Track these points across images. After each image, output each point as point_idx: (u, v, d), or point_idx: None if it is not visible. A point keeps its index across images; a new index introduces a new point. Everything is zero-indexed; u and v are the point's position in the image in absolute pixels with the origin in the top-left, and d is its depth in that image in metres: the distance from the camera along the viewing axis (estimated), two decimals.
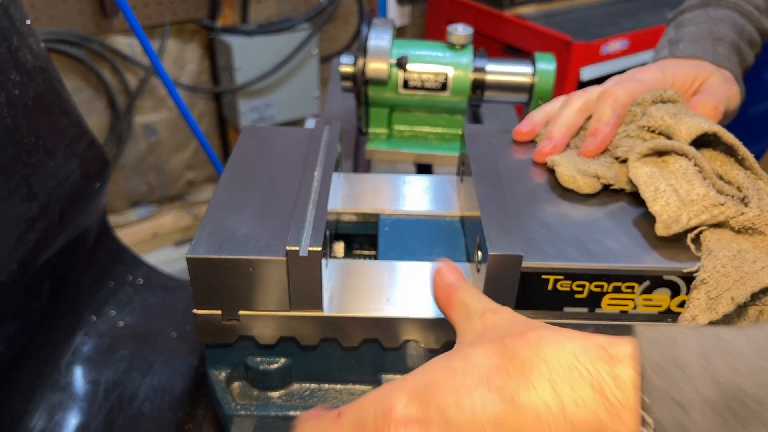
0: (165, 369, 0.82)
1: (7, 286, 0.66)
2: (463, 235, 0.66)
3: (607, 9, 2.46)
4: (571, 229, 0.56)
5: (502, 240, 0.53)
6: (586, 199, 0.61)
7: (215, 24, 2.11)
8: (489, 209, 0.57)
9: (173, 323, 0.90)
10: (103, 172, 0.86)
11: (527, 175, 0.64)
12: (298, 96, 2.33)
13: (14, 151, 0.69)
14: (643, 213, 0.58)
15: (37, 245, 0.71)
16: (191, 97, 2.22)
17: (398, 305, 0.56)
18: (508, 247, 0.52)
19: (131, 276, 0.95)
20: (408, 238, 0.66)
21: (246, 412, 0.59)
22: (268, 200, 0.60)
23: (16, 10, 0.72)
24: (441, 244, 0.66)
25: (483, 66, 0.87)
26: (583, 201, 0.61)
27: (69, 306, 0.83)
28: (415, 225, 0.68)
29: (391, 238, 0.66)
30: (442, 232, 0.67)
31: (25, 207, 0.69)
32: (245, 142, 0.70)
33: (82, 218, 0.83)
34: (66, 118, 0.79)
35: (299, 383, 0.61)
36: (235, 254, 0.53)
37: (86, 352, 0.82)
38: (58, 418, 0.75)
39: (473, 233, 0.59)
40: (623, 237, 0.56)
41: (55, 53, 1.88)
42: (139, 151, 2.21)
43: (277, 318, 0.56)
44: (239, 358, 0.60)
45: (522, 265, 0.52)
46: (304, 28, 2.23)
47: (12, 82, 0.69)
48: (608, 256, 0.53)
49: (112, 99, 2.05)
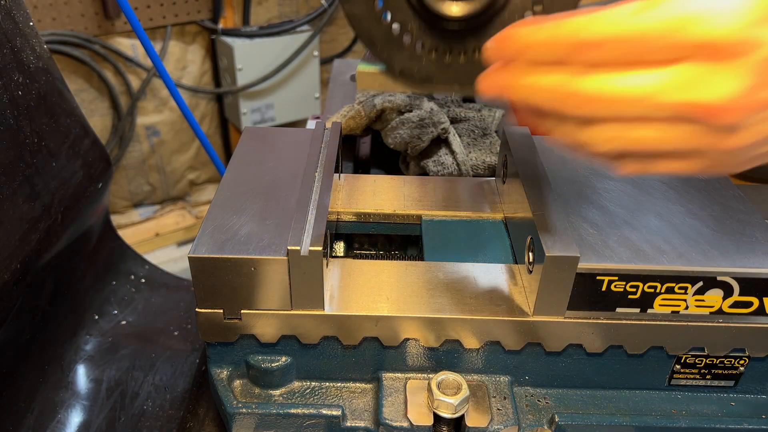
0: (167, 367, 0.82)
1: (10, 285, 0.67)
2: (508, 236, 0.67)
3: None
4: (620, 229, 0.57)
5: (557, 241, 0.53)
6: (633, 199, 0.61)
7: (217, 26, 2.12)
8: (541, 211, 0.57)
9: (175, 322, 0.90)
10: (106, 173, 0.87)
11: (572, 175, 0.65)
12: (299, 97, 2.33)
13: (17, 152, 0.69)
14: (690, 212, 0.59)
15: (39, 245, 0.72)
16: (193, 98, 2.23)
17: (398, 304, 0.57)
18: (565, 248, 0.52)
19: (133, 275, 0.95)
20: (452, 239, 0.67)
21: (247, 410, 0.59)
22: (269, 200, 0.60)
23: (19, 11, 0.72)
24: (484, 245, 0.66)
25: None
26: (630, 201, 0.61)
27: (71, 305, 0.83)
28: (457, 226, 0.69)
29: (436, 239, 0.67)
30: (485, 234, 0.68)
31: (28, 207, 0.70)
32: (247, 142, 0.71)
33: (85, 218, 0.83)
34: (68, 118, 0.80)
35: (300, 381, 0.62)
36: (237, 254, 0.53)
37: (89, 351, 0.83)
38: (61, 416, 0.75)
39: (523, 235, 0.60)
40: (673, 237, 0.56)
41: (58, 55, 1.88)
42: (141, 151, 2.21)
43: (279, 316, 0.57)
44: (241, 357, 0.60)
45: (578, 267, 0.53)
46: (305, 30, 2.24)
47: (15, 83, 0.70)
48: (661, 257, 0.54)
49: (115, 100, 2.05)
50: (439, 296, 0.58)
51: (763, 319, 0.56)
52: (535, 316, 0.56)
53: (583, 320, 0.56)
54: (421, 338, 0.58)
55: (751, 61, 0.32)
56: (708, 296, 0.55)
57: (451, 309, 0.57)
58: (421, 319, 0.56)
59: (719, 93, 0.33)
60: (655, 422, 0.59)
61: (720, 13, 0.32)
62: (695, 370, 0.61)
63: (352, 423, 0.59)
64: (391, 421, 0.56)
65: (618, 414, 0.60)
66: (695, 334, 0.57)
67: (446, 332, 0.57)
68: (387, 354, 0.60)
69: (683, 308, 0.55)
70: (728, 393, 0.63)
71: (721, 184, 0.64)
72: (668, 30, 0.33)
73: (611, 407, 0.61)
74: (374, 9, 0.47)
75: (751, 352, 0.59)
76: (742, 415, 0.61)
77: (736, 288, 0.54)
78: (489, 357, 0.59)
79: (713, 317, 0.56)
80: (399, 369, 0.60)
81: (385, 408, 0.57)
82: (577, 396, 0.62)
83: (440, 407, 0.55)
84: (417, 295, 0.58)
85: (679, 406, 0.62)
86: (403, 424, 0.56)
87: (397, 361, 0.60)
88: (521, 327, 0.56)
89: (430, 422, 0.56)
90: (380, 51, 0.49)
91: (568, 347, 0.58)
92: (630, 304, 0.55)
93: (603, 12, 0.34)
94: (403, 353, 0.60)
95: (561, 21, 0.36)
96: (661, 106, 0.34)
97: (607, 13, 0.34)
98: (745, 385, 0.62)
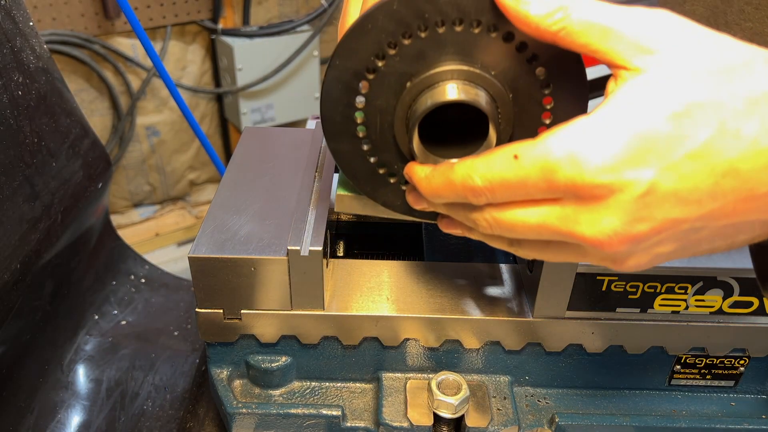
0: (167, 367, 0.82)
1: (10, 285, 0.67)
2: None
3: None
4: None
5: None
6: None
7: (217, 26, 2.12)
8: None
9: (175, 322, 0.90)
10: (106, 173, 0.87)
11: None
12: (299, 97, 2.33)
13: (17, 152, 0.69)
14: None
15: (39, 245, 0.72)
16: (193, 98, 2.23)
17: (398, 304, 0.57)
18: None
19: (133, 275, 0.95)
20: (452, 239, 0.67)
21: (247, 410, 0.59)
22: (269, 200, 0.60)
23: (19, 11, 0.72)
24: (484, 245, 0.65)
25: None
26: None
27: (71, 305, 0.83)
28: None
29: (436, 239, 0.67)
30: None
31: (27, 207, 0.70)
32: (247, 142, 0.71)
33: (85, 218, 0.83)
34: (68, 118, 0.80)
35: (300, 381, 0.62)
36: (237, 254, 0.53)
37: (88, 351, 0.83)
38: (61, 417, 0.75)
39: None
40: None
41: (58, 55, 1.88)
42: (141, 151, 2.21)
43: (279, 317, 0.56)
44: (241, 357, 0.60)
45: (578, 267, 0.53)
46: (305, 30, 2.24)
47: (15, 83, 0.70)
48: None
49: (115, 100, 2.05)
50: (439, 296, 0.58)
51: (763, 319, 0.56)
52: (535, 316, 0.56)
53: (583, 320, 0.56)
54: (421, 338, 0.58)
55: (622, 201, 0.34)
56: (708, 296, 0.55)
57: (451, 309, 0.57)
58: (421, 319, 0.56)
59: (596, 230, 0.35)
60: (656, 422, 0.59)
61: (585, 158, 0.34)
62: (695, 370, 0.61)
63: (352, 423, 0.59)
64: (391, 422, 0.56)
65: (618, 414, 0.60)
66: (695, 334, 0.57)
67: (446, 332, 0.57)
68: (387, 354, 0.60)
69: (683, 308, 0.55)
70: (728, 393, 0.63)
71: None
72: (541, 175, 0.35)
73: (611, 407, 0.61)
74: (360, 148, 0.48)
75: (752, 352, 0.59)
76: (742, 415, 0.61)
77: (736, 288, 0.54)
78: (489, 357, 0.59)
79: (713, 317, 0.56)
80: (399, 369, 0.60)
81: (385, 408, 0.57)
82: (577, 396, 0.62)
83: (440, 407, 0.55)
84: (417, 295, 0.58)
85: (680, 406, 0.62)
86: (403, 424, 0.56)
87: (397, 361, 0.60)
88: (521, 327, 0.56)
89: (430, 422, 0.56)
90: (363, 185, 0.50)
91: (569, 347, 0.58)
92: (630, 304, 0.55)
93: (488, 157, 0.38)
94: (403, 353, 0.59)
95: (451, 168, 0.40)
96: (553, 233, 0.37)
97: (491, 157, 0.37)
98: (745, 385, 0.62)
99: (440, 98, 0.42)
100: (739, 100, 0.33)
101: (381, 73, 0.44)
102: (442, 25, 0.41)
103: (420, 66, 0.43)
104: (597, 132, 0.34)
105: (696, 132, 0.33)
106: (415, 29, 0.42)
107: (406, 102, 0.44)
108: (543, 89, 0.43)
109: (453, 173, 0.39)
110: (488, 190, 0.38)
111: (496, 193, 0.38)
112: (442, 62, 0.43)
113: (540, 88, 0.43)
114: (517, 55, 0.42)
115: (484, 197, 0.38)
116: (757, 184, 0.33)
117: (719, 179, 0.33)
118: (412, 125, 0.43)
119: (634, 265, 0.38)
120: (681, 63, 0.34)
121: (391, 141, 0.47)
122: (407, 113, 0.44)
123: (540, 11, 0.37)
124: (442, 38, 0.42)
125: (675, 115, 0.33)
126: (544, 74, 0.43)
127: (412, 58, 0.43)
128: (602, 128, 0.34)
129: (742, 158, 0.32)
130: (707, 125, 0.33)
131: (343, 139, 0.47)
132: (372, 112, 0.46)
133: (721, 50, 0.34)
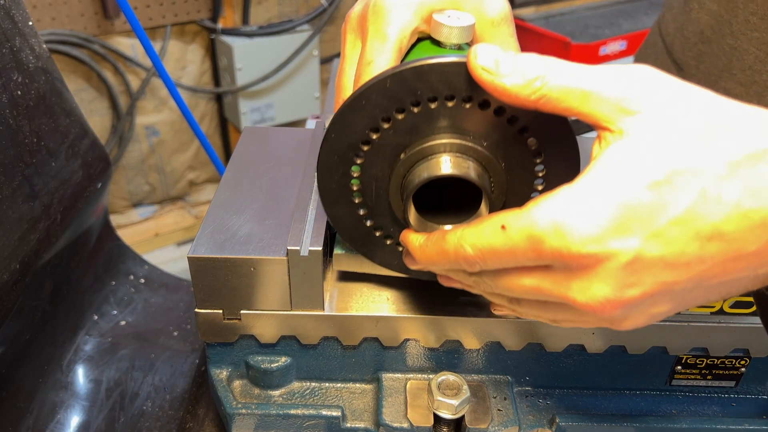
0: (166, 368, 0.82)
1: (9, 285, 0.67)
2: None
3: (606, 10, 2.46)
4: None
5: None
6: None
7: (216, 25, 2.12)
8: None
9: (175, 322, 0.90)
10: (105, 173, 0.87)
11: None
12: (299, 97, 2.33)
13: (16, 152, 0.69)
14: None
15: (39, 245, 0.72)
16: (192, 98, 2.23)
17: (398, 304, 0.57)
18: None
19: (133, 275, 0.95)
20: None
21: (247, 410, 0.59)
22: (269, 200, 0.60)
23: (18, 11, 0.72)
24: None
25: None
26: None
27: (71, 305, 0.83)
28: None
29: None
30: None
31: (27, 207, 0.70)
32: (246, 142, 0.71)
33: (84, 218, 0.83)
34: (68, 118, 0.80)
35: (300, 382, 0.62)
36: (237, 254, 0.53)
37: (88, 351, 0.83)
38: (60, 417, 0.75)
39: None
40: None
41: (57, 54, 1.88)
42: (140, 151, 2.21)
43: (278, 317, 0.56)
44: (240, 357, 0.60)
45: None
46: (305, 30, 2.24)
47: (14, 83, 0.70)
48: None
49: (114, 100, 2.05)
50: (439, 296, 0.57)
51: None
52: None
53: None
54: (421, 339, 0.58)
55: (610, 269, 0.34)
56: None
57: (451, 309, 0.56)
58: (421, 319, 0.56)
59: (588, 297, 0.36)
60: (656, 423, 0.59)
61: (569, 229, 0.34)
62: (696, 370, 0.61)
63: (351, 424, 0.59)
64: (391, 422, 0.56)
65: (619, 415, 0.60)
66: (696, 335, 0.57)
67: (446, 332, 0.57)
68: (387, 354, 0.59)
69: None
70: (729, 393, 0.63)
71: None
72: (529, 245, 0.36)
73: (612, 408, 0.61)
74: (357, 213, 0.49)
75: (753, 352, 0.59)
76: (742, 416, 0.61)
77: None
78: (489, 357, 0.59)
79: (714, 317, 0.56)
80: (399, 369, 0.60)
81: (385, 409, 0.57)
82: (577, 396, 0.62)
83: (440, 408, 0.55)
84: (417, 295, 0.58)
85: (680, 406, 0.62)
86: (403, 424, 0.56)
87: (397, 362, 0.60)
88: (522, 327, 0.56)
89: (431, 423, 0.56)
90: (360, 247, 0.51)
91: (569, 347, 0.58)
92: None
93: (477, 227, 0.38)
94: (403, 354, 0.59)
95: (443, 238, 0.40)
96: (549, 296, 0.38)
97: (481, 228, 0.38)
98: (745, 386, 0.62)
99: (434, 172, 0.42)
100: (719, 164, 0.33)
101: (376, 145, 0.44)
102: (434, 101, 0.42)
103: (413, 138, 0.44)
104: (580, 202, 0.34)
105: (678, 199, 0.33)
106: (408, 105, 0.42)
107: (400, 172, 0.45)
108: (534, 158, 0.44)
109: (445, 243, 0.40)
110: (480, 259, 0.39)
111: (488, 261, 0.38)
112: (435, 134, 0.43)
113: (531, 157, 0.44)
114: (508, 127, 0.43)
115: (478, 265, 0.39)
116: (743, 244, 0.33)
117: (705, 243, 0.33)
118: (407, 196, 0.44)
119: (632, 325, 0.38)
120: (662, 126, 0.34)
121: (386, 206, 0.47)
122: (402, 183, 0.45)
123: (518, 82, 0.37)
124: (435, 113, 0.42)
125: (656, 183, 0.33)
126: (535, 144, 0.43)
127: (406, 132, 0.44)
128: (585, 198, 0.34)
129: (726, 222, 0.33)
130: (688, 192, 0.33)
131: (340, 206, 0.49)
132: (367, 180, 0.47)
133: (702, 110, 0.35)
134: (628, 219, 0.33)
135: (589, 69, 0.37)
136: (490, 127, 0.43)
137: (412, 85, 0.41)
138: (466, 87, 0.41)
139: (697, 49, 0.84)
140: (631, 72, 0.36)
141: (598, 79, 0.36)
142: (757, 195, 0.32)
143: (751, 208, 0.32)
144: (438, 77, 0.41)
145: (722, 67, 0.80)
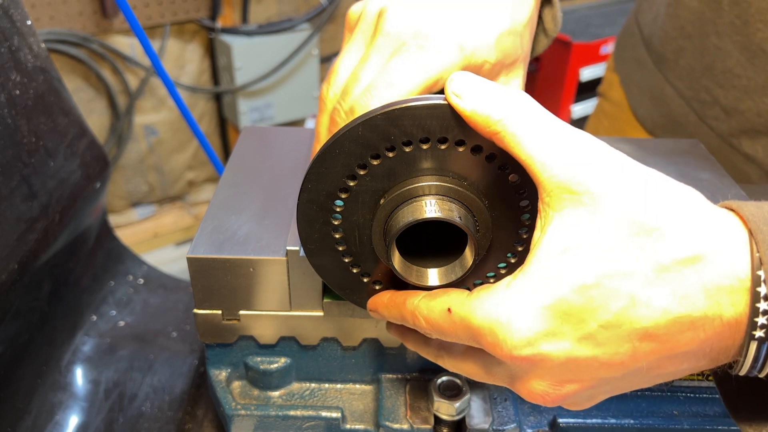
0: (165, 369, 0.82)
1: (7, 285, 0.66)
2: None
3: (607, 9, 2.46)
4: None
5: None
6: None
7: (215, 24, 2.11)
8: None
9: (173, 323, 0.90)
10: (104, 172, 0.86)
11: None
12: (299, 96, 2.33)
13: (15, 152, 0.69)
14: None
15: (37, 245, 0.71)
16: (191, 98, 2.22)
17: None
18: None
19: (131, 276, 0.95)
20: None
21: (246, 411, 0.59)
22: (268, 200, 0.60)
23: (16, 10, 0.72)
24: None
25: None
26: None
27: (69, 306, 0.83)
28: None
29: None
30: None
31: (25, 207, 0.70)
32: (245, 142, 0.71)
33: (83, 218, 0.83)
34: (66, 118, 0.80)
35: (299, 383, 0.61)
36: (236, 254, 0.53)
37: (86, 352, 0.82)
38: (59, 418, 0.75)
39: None
40: None
41: (56, 53, 1.88)
42: (139, 151, 2.21)
43: (278, 318, 0.56)
44: (239, 358, 0.60)
45: None
46: (305, 29, 2.23)
47: (12, 82, 0.70)
48: None
49: (113, 99, 2.05)
50: None
51: None
52: None
53: None
54: None
55: (545, 368, 0.36)
56: None
57: None
58: None
59: (528, 390, 0.38)
60: (657, 423, 0.59)
61: (503, 332, 0.35)
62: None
63: (351, 425, 0.58)
64: (391, 423, 0.56)
65: (619, 415, 0.60)
66: None
67: None
68: (387, 355, 0.59)
69: None
70: (730, 394, 0.62)
71: (723, 184, 0.64)
72: (468, 334, 0.38)
73: (613, 408, 0.61)
74: (342, 260, 0.48)
75: None
76: (744, 417, 0.61)
77: None
78: None
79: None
80: (399, 370, 0.60)
81: (385, 410, 0.57)
82: None
83: (441, 409, 0.55)
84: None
85: (682, 407, 0.62)
86: (403, 426, 0.55)
87: (398, 363, 0.60)
88: None
89: (431, 424, 0.55)
90: (350, 295, 0.51)
91: None
92: None
93: (429, 303, 0.41)
94: (404, 354, 0.59)
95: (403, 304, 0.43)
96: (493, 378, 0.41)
97: (431, 305, 0.40)
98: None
99: (415, 216, 0.42)
100: (650, 269, 0.33)
101: (354, 192, 0.44)
102: (409, 144, 0.41)
103: (392, 182, 0.43)
104: (515, 303, 0.35)
105: (607, 303, 0.33)
106: (382, 150, 0.42)
107: (381, 218, 0.44)
108: (518, 192, 0.43)
109: (404, 309, 0.43)
110: (432, 331, 0.41)
111: (439, 335, 0.41)
112: (413, 177, 0.43)
113: (514, 193, 0.43)
114: (487, 164, 0.42)
115: (432, 335, 0.42)
116: (675, 345, 0.34)
117: (637, 344, 0.34)
118: (389, 241, 0.43)
119: (582, 408, 0.40)
120: (598, 219, 0.34)
121: (371, 252, 0.47)
122: (384, 228, 0.44)
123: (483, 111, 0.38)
124: (411, 155, 0.42)
125: (585, 287, 0.34)
126: (517, 179, 0.42)
127: (383, 176, 0.43)
128: (518, 301, 0.35)
129: (656, 326, 0.33)
130: (618, 297, 0.33)
131: (324, 254, 0.48)
132: (349, 227, 0.46)
133: (640, 207, 0.34)
134: (560, 322, 0.34)
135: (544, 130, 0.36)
136: (468, 165, 0.42)
137: (385, 130, 0.41)
138: (440, 129, 0.40)
139: (677, 44, 0.84)
140: (584, 148, 0.36)
141: (550, 148, 0.36)
142: (684, 300, 0.33)
143: (680, 313, 0.33)
144: (410, 121, 0.40)
145: (705, 65, 0.80)
